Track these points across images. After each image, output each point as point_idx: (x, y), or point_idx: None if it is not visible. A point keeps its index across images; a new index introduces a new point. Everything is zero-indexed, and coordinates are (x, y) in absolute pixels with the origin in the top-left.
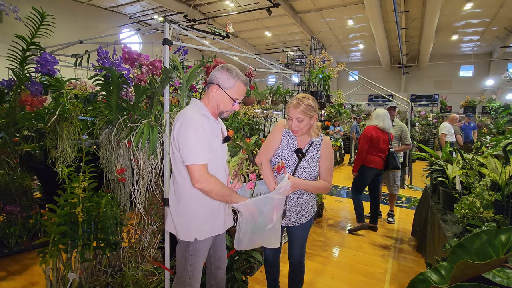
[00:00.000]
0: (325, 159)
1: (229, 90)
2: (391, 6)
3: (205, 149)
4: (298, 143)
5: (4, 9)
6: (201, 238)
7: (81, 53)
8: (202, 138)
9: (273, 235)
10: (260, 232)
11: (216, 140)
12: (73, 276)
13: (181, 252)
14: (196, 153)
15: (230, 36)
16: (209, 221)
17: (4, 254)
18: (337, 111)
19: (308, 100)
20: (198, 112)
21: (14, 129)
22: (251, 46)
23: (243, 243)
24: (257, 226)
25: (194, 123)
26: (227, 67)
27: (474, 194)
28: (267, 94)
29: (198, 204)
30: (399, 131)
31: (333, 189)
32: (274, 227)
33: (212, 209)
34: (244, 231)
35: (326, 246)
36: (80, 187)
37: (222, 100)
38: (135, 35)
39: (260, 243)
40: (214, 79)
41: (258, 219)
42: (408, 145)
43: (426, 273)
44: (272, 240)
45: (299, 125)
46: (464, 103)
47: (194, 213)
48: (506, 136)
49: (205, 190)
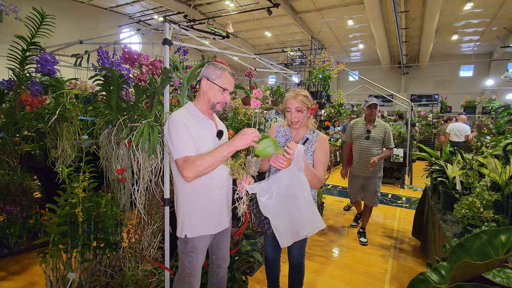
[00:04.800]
0: (319, 152)
1: (217, 80)
2: (391, 6)
3: (188, 143)
4: (293, 139)
5: (4, 9)
6: (190, 235)
7: (81, 53)
8: (183, 133)
9: (310, 211)
10: (295, 210)
11: (206, 135)
12: (73, 276)
13: (180, 248)
14: (178, 147)
15: (230, 36)
16: (202, 220)
17: (4, 254)
18: (337, 111)
19: (304, 92)
20: (187, 111)
21: (14, 129)
22: (251, 46)
23: (283, 235)
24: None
25: (174, 122)
26: (213, 63)
27: (474, 194)
28: (267, 93)
29: (192, 201)
30: (381, 133)
31: (333, 189)
32: (306, 200)
33: (207, 208)
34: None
35: (326, 246)
36: (80, 187)
37: (212, 92)
38: (135, 35)
39: (301, 227)
40: (202, 74)
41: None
42: (391, 150)
43: (426, 273)
44: (313, 220)
45: (298, 115)
46: (464, 103)
47: (188, 211)
48: (506, 136)
49: (193, 173)
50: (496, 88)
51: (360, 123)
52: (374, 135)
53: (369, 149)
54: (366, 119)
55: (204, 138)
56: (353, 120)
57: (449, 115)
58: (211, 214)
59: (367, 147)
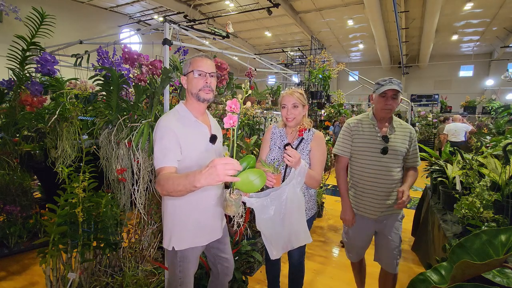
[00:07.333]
0: (315, 151)
1: (189, 68)
2: (391, 6)
3: (168, 153)
4: (289, 139)
5: (4, 9)
6: (179, 248)
7: (81, 53)
8: (166, 141)
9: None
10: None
11: (196, 140)
12: (73, 276)
13: (169, 258)
14: (157, 157)
15: (230, 36)
16: (192, 231)
17: (4, 254)
18: (337, 111)
19: (300, 90)
20: (177, 113)
21: (14, 129)
22: (251, 46)
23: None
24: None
25: (159, 128)
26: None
27: (474, 194)
28: (267, 94)
29: (181, 211)
30: (405, 140)
31: (333, 189)
32: (301, 214)
33: (198, 219)
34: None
35: (326, 246)
36: (80, 187)
37: (190, 83)
38: (135, 35)
39: (293, 240)
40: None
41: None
42: (417, 171)
43: (426, 273)
44: (304, 234)
45: (294, 112)
46: (464, 103)
47: (177, 220)
48: (506, 136)
49: (160, 190)
50: (496, 88)
51: (366, 123)
52: (395, 144)
53: (388, 170)
54: (377, 117)
55: (194, 143)
56: (352, 119)
57: (446, 115)
58: (202, 225)
59: (384, 167)
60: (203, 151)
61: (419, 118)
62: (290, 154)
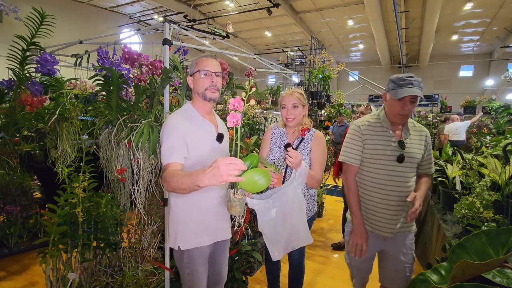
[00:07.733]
0: (315, 151)
1: (195, 69)
2: (391, 6)
3: (174, 150)
4: (289, 139)
5: (4, 9)
6: (184, 247)
7: (81, 53)
8: (173, 138)
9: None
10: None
11: (203, 139)
12: (73, 276)
13: (178, 262)
14: (163, 156)
15: (230, 36)
16: (197, 231)
17: (4, 254)
18: (337, 111)
19: (300, 90)
20: (185, 112)
21: (14, 129)
22: (251, 46)
23: (275, 246)
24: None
25: (167, 125)
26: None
27: (474, 194)
28: (267, 94)
29: (186, 210)
30: (421, 145)
31: (333, 189)
32: (302, 215)
33: (202, 218)
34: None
35: (326, 246)
36: (80, 187)
37: (196, 83)
38: (135, 35)
39: (294, 241)
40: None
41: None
42: (430, 178)
43: (426, 273)
44: (305, 234)
45: (294, 112)
46: (464, 103)
47: (182, 220)
48: (506, 136)
49: (166, 185)
50: (496, 88)
51: (378, 126)
52: (412, 150)
53: (405, 180)
54: (389, 119)
55: (201, 142)
56: (361, 120)
57: (447, 115)
58: (205, 225)
59: (400, 177)
60: (209, 150)
61: (419, 118)
62: (292, 155)
